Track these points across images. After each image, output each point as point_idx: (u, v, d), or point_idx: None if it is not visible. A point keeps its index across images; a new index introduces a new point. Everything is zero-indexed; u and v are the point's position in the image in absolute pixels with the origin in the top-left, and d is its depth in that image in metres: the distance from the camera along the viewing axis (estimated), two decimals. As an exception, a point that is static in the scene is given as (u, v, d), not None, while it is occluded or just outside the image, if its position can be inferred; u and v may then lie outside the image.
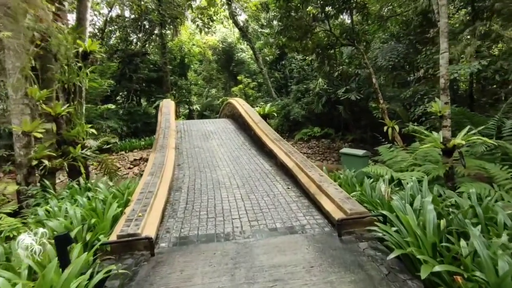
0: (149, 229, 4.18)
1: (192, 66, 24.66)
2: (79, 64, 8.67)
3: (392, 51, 15.46)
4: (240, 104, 12.92)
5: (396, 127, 10.68)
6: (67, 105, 8.37)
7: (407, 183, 5.72)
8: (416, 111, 13.09)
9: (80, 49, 8.94)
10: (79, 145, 8.07)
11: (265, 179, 6.93)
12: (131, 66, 21.71)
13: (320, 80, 17.78)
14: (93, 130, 9.36)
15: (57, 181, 11.12)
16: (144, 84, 22.73)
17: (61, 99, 8.96)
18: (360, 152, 7.98)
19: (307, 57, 21.70)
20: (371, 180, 6.32)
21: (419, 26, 16.34)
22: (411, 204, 4.70)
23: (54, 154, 7.64)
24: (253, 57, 30.54)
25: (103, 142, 10.01)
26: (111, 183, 7.73)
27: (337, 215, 4.59)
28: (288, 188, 6.35)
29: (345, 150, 8.47)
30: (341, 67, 12.47)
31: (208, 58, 31.23)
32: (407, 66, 16.91)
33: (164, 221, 4.91)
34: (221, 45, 30.15)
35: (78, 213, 4.65)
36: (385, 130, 11.02)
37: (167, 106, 12.20)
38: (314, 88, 18.52)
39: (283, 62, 23.68)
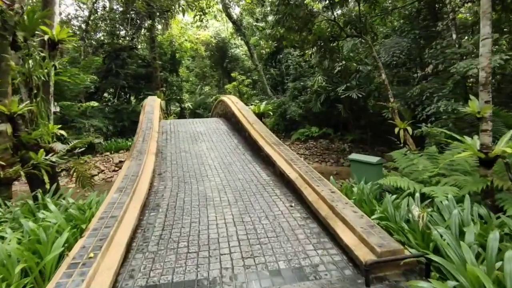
0: (101, 280, 2.92)
1: (183, 62, 23.30)
2: (43, 54, 7.33)
3: (395, 46, 14.31)
4: (233, 102, 11.66)
5: (409, 129, 9.47)
6: (27, 102, 7.05)
7: (441, 201, 4.57)
8: (425, 110, 11.96)
9: (46, 37, 7.59)
10: (42, 150, 6.75)
11: (263, 193, 5.69)
12: (118, 61, 20.28)
13: (319, 77, 16.59)
14: (62, 132, 8.04)
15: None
16: (132, 81, 21.31)
17: (24, 95, 7.64)
18: (373, 159, 6.78)
19: (305, 52, 20.51)
20: (392, 196, 5.12)
21: (424, 20, 15.21)
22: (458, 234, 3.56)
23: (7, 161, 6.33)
24: (247, 53, 29.27)
25: (78, 144, 8.68)
26: (86, 195, 6.45)
27: (361, 252, 3.39)
28: (291, 206, 5.12)
29: (355, 156, 7.26)
30: (342, 63, 11.28)
31: (201, 54, 29.84)
32: (411, 62, 15.79)
33: (129, 259, 3.65)
34: (214, 41, 28.79)
35: (10, 248, 3.39)
36: (396, 132, 9.80)
37: (151, 104, 10.88)
38: (312, 85, 17.33)
39: (279, 58, 22.42)
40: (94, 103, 15.76)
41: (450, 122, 10.35)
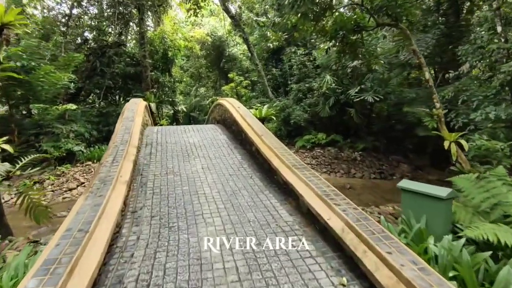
0: None
1: (176, 60, 21.14)
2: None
3: (418, 42, 12.31)
4: (234, 106, 9.55)
5: (464, 143, 7.39)
6: None
7: None
8: (460, 117, 9.98)
9: (-20, 18, 5.44)
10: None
11: (289, 252, 3.59)
12: (103, 59, 18.06)
13: (328, 77, 14.55)
14: (6, 146, 5.85)
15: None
16: (119, 81, 19.10)
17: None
18: (440, 191, 4.71)
19: (317, 48, 18.49)
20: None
21: (444, 14, 13.29)
22: None
23: None
24: (246, 53, 27.20)
25: (29, 163, 6.50)
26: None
27: None
28: (344, 286, 3.03)
29: (408, 184, 5.18)
30: (364, 60, 9.28)
31: (196, 53, 27.67)
32: (432, 61, 13.83)
33: None
34: (210, 39, 26.65)
35: None
36: (446, 146, 7.74)
37: (132, 108, 8.70)
38: (319, 87, 15.29)
39: (281, 57, 20.35)
40: (72, 106, 13.53)
41: (501, 132, 8.38)
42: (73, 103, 17.69)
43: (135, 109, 8.47)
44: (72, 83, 15.52)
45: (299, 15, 8.14)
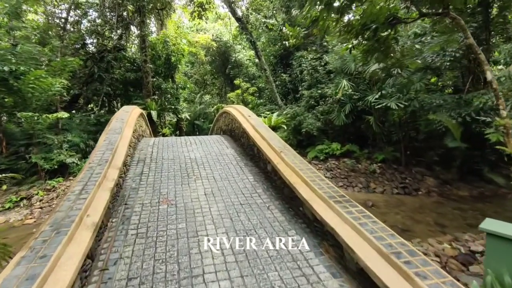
0: None
1: (180, 66, 19.81)
2: None
3: (449, 43, 10.79)
4: (243, 115, 8.07)
5: None
6: None
7: None
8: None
9: None
10: None
11: None
12: (102, 64, 16.74)
13: (344, 82, 13.06)
14: None
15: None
16: (119, 87, 17.75)
17: None
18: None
19: (329, 52, 17.02)
20: None
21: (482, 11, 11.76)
22: None
23: None
24: (252, 59, 25.87)
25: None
26: None
27: None
28: None
29: (497, 226, 3.60)
30: (392, 61, 7.81)
31: (201, 59, 26.37)
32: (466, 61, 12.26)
33: None
34: (215, 44, 25.36)
35: None
36: None
37: (122, 118, 7.20)
38: (334, 93, 13.80)
39: (290, 62, 18.92)
40: (64, 114, 12.15)
41: None
42: (71, 111, 16.46)
43: (125, 119, 7.00)
44: (66, 90, 14.21)
45: (319, 7, 6.70)
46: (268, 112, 16.42)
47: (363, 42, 7.75)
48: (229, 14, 20.04)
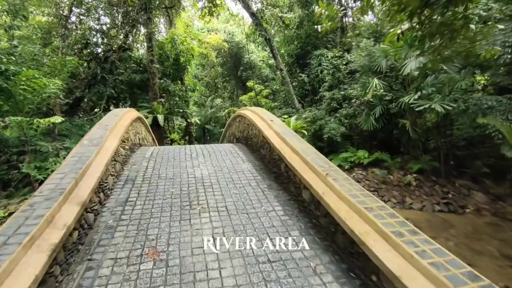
0: None
1: (189, 67, 18.17)
2: None
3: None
4: (263, 119, 6.23)
5: None
6: None
7: None
8: None
9: None
10: None
11: None
12: (106, 65, 15.22)
13: (375, 81, 11.12)
14: None
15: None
16: (124, 89, 16.22)
17: None
18: None
19: (352, 49, 15.07)
20: None
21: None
22: None
23: None
24: (265, 60, 24.12)
25: None
26: None
27: None
28: None
29: None
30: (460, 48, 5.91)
31: (212, 61, 24.74)
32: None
33: None
34: (227, 45, 23.71)
35: None
36: None
37: (106, 124, 5.25)
38: (363, 93, 11.87)
39: (308, 61, 17.05)
40: (58, 119, 10.55)
41: None
42: (73, 115, 14.99)
43: (110, 125, 5.19)
44: (66, 92, 12.71)
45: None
46: (285, 116, 14.58)
47: (416, 26, 5.88)
48: (242, 13, 18.32)
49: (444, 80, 10.60)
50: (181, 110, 16.54)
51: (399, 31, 6.38)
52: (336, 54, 15.24)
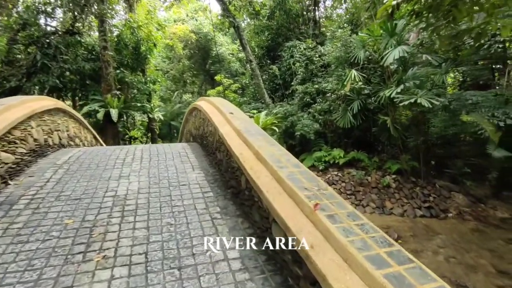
0: None
1: (150, 57, 15.96)
2: None
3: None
4: (221, 111, 4.50)
5: None
6: None
7: None
8: None
9: None
10: None
11: None
12: (49, 51, 12.75)
13: (354, 73, 9.74)
14: None
15: None
16: (72, 79, 13.81)
17: None
18: None
19: (326, 40, 13.70)
20: None
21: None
22: None
23: None
24: (235, 53, 22.33)
25: None
26: None
27: None
28: None
29: None
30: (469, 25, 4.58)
31: (179, 53, 22.56)
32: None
33: None
34: (194, 37, 21.63)
35: None
36: None
37: None
38: (341, 86, 10.48)
39: (279, 54, 15.49)
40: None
41: None
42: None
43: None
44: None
45: None
46: (254, 111, 12.94)
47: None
48: (210, 3, 16.32)
49: (424, 73, 9.42)
50: (139, 104, 14.36)
51: (394, 2, 4.91)
52: (310, 46, 13.77)
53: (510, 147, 8.61)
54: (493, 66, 11.00)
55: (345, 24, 12.12)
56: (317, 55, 13.83)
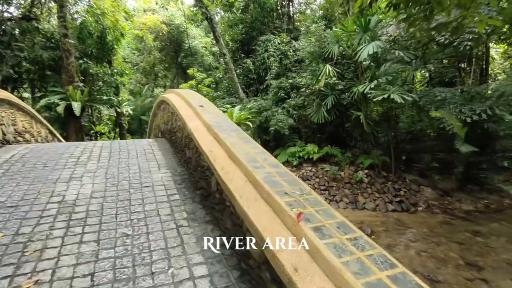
0: None
1: (117, 47, 14.91)
2: None
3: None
4: (190, 104, 4.03)
5: None
6: None
7: None
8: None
9: None
10: None
11: None
12: (3, 38, 11.49)
13: (328, 67, 9.55)
14: None
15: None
16: (29, 69, 12.59)
17: None
18: None
19: (301, 34, 13.43)
20: None
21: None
22: None
23: None
24: (208, 47, 21.63)
25: None
26: None
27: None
28: None
29: None
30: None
31: (149, 45, 21.47)
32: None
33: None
34: (166, 28, 20.65)
35: None
36: None
37: None
38: (316, 81, 10.29)
39: (254, 48, 15.07)
40: None
41: None
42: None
43: None
44: None
45: None
46: (228, 106, 12.48)
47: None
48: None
49: (396, 70, 9.42)
50: (106, 98, 13.38)
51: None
52: (284, 40, 13.47)
53: (474, 142, 8.88)
54: (459, 65, 11.27)
55: (319, 19, 11.89)
56: (291, 50, 13.59)
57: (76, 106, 11.44)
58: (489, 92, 9.35)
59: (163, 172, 3.72)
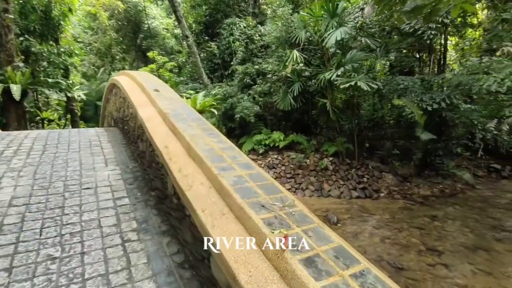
0: None
1: (64, 23, 13.21)
2: None
3: None
4: (143, 87, 3.38)
5: None
6: None
7: None
8: None
9: None
10: None
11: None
12: None
13: (295, 53, 9.16)
14: None
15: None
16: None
17: None
18: None
19: (267, 19, 12.82)
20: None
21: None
22: None
23: None
24: (170, 29, 20.24)
25: None
26: None
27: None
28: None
29: None
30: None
31: (104, 24, 19.55)
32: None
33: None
34: (122, 6, 18.87)
35: None
36: None
37: None
38: (282, 67, 9.87)
39: (218, 31, 14.23)
40: None
41: None
42: None
43: None
44: None
45: None
46: (191, 92, 11.69)
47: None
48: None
49: (361, 57, 9.29)
50: (52, 80, 11.84)
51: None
52: (250, 24, 12.81)
53: (431, 130, 9.14)
54: (419, 55, 11.48)
55: (285, 3, 11.39)
56: (257, 35, 12.99)
57: (16, 89, 9.97)
58: (446, 81, 9.60)
59: (111, 169, 3.08)
